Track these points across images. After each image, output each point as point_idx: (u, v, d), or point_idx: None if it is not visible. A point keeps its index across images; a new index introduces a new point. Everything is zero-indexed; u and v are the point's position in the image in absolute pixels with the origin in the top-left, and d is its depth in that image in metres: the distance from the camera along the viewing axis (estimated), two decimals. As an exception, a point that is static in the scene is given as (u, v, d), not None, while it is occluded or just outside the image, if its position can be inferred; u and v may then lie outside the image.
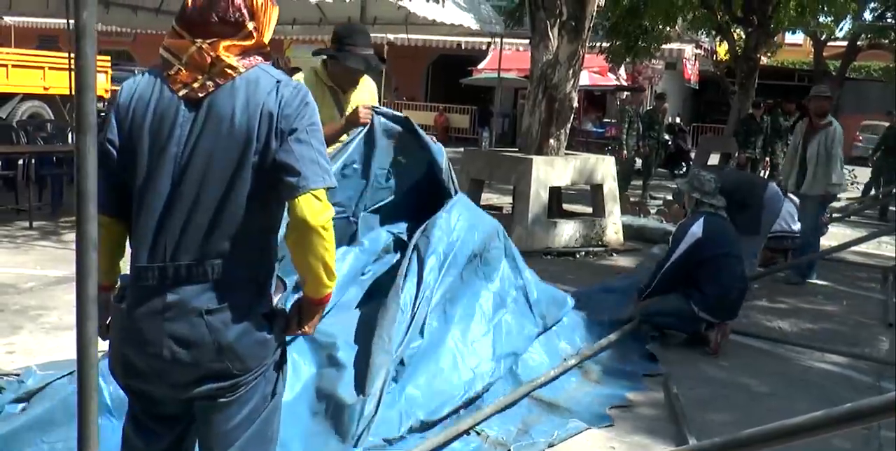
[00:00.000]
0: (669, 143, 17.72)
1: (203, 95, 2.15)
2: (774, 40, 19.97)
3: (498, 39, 14.62)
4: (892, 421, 3.41)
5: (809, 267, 8.15)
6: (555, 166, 9.06)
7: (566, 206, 10.35)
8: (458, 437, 3.85)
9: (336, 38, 4.37)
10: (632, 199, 12.88)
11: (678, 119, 23.29)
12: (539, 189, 8.78)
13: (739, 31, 17.66)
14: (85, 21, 1.82)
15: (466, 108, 28.10)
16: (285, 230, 2.21)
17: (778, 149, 14.97)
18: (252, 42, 2.22)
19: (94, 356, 2.02)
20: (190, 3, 2.21)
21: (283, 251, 2.29)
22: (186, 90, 2.15)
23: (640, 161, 14.99)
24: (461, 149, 12.96)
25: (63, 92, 13.98)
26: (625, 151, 13.38)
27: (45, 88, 14.91)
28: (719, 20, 17.04)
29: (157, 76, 2.21)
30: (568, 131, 9.63)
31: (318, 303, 2.35)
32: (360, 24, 4.87)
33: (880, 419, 1.87)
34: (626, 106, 14.61)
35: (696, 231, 5.70)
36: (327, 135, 3.24)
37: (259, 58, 2.23)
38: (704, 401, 4.78)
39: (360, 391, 3.66)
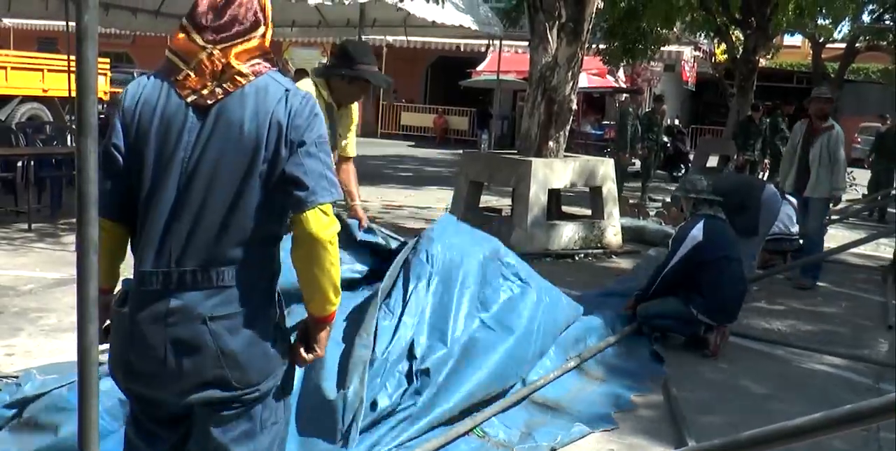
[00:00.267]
0: (668, 145, 17.73)
1: (212, 102, 2.13)
2: (773, 42, 20.00)
3: (497, 41, 14.62)
4: (891, 423, 3.41)
5: (815, 269, 8.13)
6: (554, 168, 9.06)
7: (565, 208, 10.35)
8: (458, 438, 3.86)
9: (346, 55, 4.44)
10: (631, 201, 12.89)
11: (677, 121, 23.33)
12: (538, 191, 8.79)
13: (738, 33, 17.70)
14: (86, 24, 1.81)
15: (465, 110, 28.11)
16: (291, 246, 2.19)
17: (778, 151, 14.99)
18: (260, 46, 2.21)
19: (95, 358, 2.02)
20: (204, 2, 2.17)
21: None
22: (195, 96, 2.14)
23: (638, 163, 15.01)
24: (460, 151, 12.97)
25: (62, 94, 13.96)
26: (621, 152, 13.40)
27: (44, 91, 14.93)
28: (718, 22, 17.07)
29: (163, 80, 2.19)
30: (567, 133, 9.63)
31: (323, 321, 2.33)
32: (365, 43, 4.94)
33: (880, 420, 1.88)
34: (625, 108, 14.63)
35: (696, 234, 5.70)
36: None
37: (266, 64, 2.21)
38: (704, 403, 4.78)
39: (341, 386, 3.67)
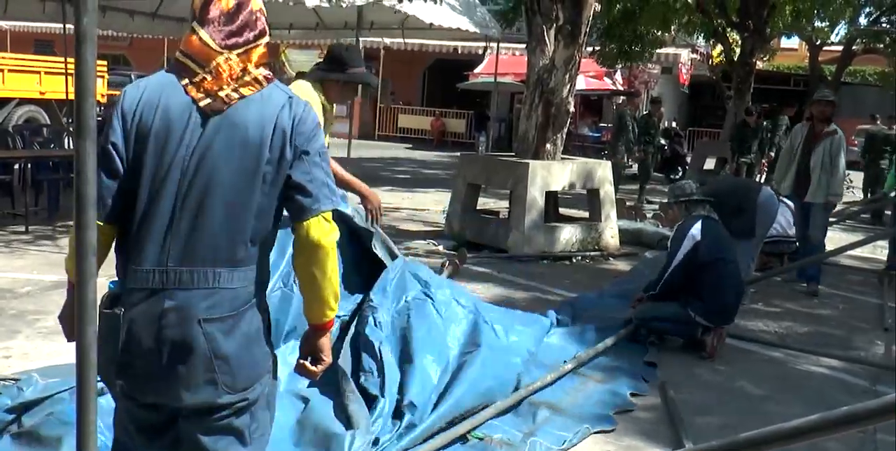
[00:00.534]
0: (665, 147, 17.75)
1: (226, 106, 2.15)
2: (770, 45, 20.03)
3: (494, 44, 14.63)
4: (888, 424, 3.42)
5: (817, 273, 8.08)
6: (551, 171, 9.07)
7: (563, 210, 10.37)
8: (457, 441, 3.86)
9: (338, 60, 4.66)
10: (628, 203, 12.90)
11: (674, 123, 23.36)
12: (536, 194, 8.80)
13: (735, 35, 17.72)
14: (85, 27, 1.82)
15: (463, 112, 28.12)
16: (293, 253, 2.23)
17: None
18: (267, 53, 2.25)
19: (94, 360, 2.02)
20: (214, 8, 2.19)
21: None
22: (210, 100, 2.15)
23: (636, 166, 15.03)
24: (457, 153, 12.98)
25: (59, 96, 13.98)
26: (627, 153, 13.44)
27: (42, 93, 14.93)
28: (715, 25, 17.09)
29: (168, 82, 2.20)
30: (564, 136, 9.65)
31: (323, 328, 2.36)
32: (354, 46, 5.07)
33: (876, 422, 1.88)
34: (624, 110, 14.67)
35: (695, 234, 5.70)
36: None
37: (268, 71, 2.24)
38: (701, 405, 4.78)
39: (347, 425, 3.69)
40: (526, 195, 8.71)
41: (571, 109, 9.67)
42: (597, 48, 16.90)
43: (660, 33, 16.72)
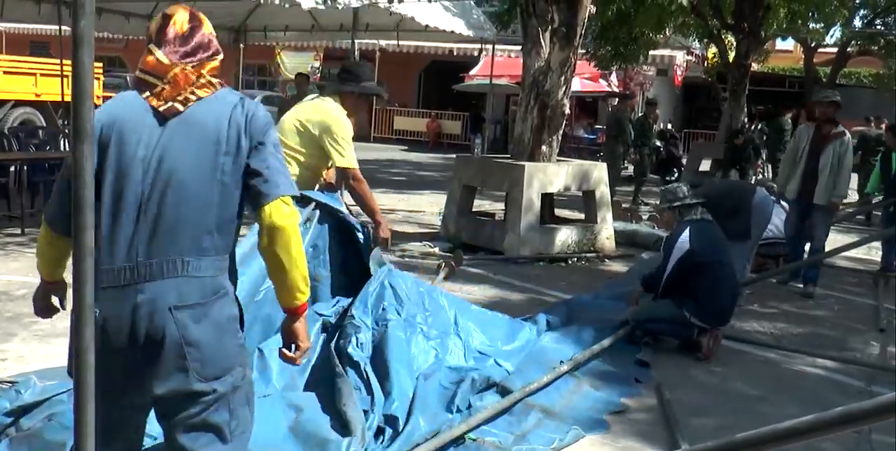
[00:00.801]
0: (661, 149, 17.77)
1: (184, 108, 2.32)
2: (765, 47, 20.07)
3: (490, 46, 14.65)
4: (883, 425, 3.43)
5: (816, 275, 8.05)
6: (547, 173, 9.08)
7: (558, 212, 10.38)
8: (451, 443, 3.86)
9: (353, 74, 5.16)
10: (624, 205, 12.92)
11: (669, 125, 23.39)
12: (531, 196, 8.81)
13: (730, 37, 17.76)
14: (82, 29, 1.82)
15: (458, 114, 28.13)
16: (258, 239, 2.34)
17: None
18: (219, 68, 2.46)
19: (92, 362, 2.03)
20: (170, 31, 2.38)
21: None
22: (168, 104, 2.32)
23: (631, 167, 15.06)
24: (453, 155, 12.99)
25: (55, 98, 13.94)
26: (619, 157, 13.47)
27: (37, 95, 14.89)
28: (710, 27, 17.13)
29: (129, 97, 2.38)
30: (560, 138, 9.66)
31: (297, 312, 2.46)
32: (363, 62, 5.47)
33: (871, 422, 1.89)
34: (623, 112, 14.70)
35: (683, 243, 5.70)
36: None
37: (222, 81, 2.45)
38: (697, 406, 4.79)
39: (342, 432, 3.71)
40: (521, 197, 8.72)
41: (567, 110, 9.68)
42: (591, 50, 16.92)
43: (654, 35, 16.73)
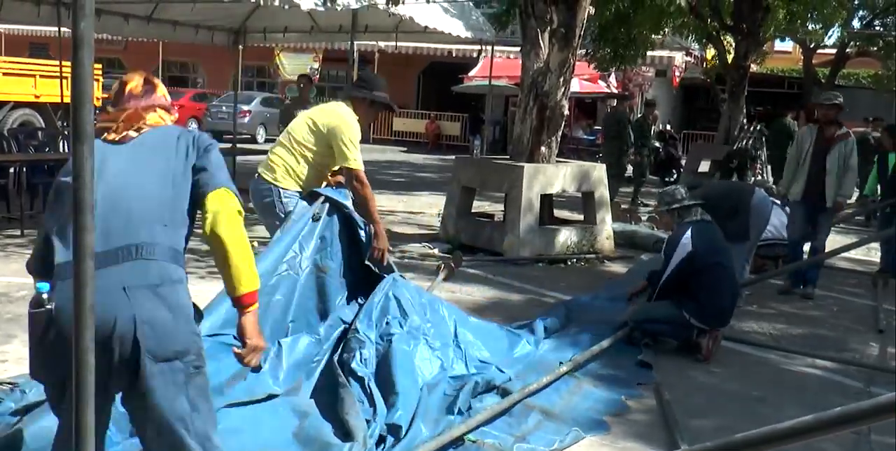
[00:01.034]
0: (660, 150, 17.78)
1: (137, 134, 2.64)
2: (763, 48, 20.08)
3: (489, 47, 14.66)
4: (883, 425, 3.43)
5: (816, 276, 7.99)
6: (546, 174, 9.09)
7: (558, 213, 10.39)
8: (450, 445, 3.86)
9: (368, 83, 5.35)
10: (623, 206, 12.92)
11: (668, 126, 23.40)
12: (531, 197, 8.81)
13: (729, 38, 17.76)
14: (83, 31, 1.82)
15: (458, 115, 28.13)
16: (203, 226, 2.53)
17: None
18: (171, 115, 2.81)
19: (92, 362, 2.03)
20: (127, 90, 2.72)
21: None
22: (124, 134, 2.63)
23: (630, 168, 15.05)
24: (452, 156, 12.99)
25: (54, 100, 13.95)
26: (634, 154, 13.49)
27: (37, 96, 14.89)
28: (709, 28, 17.13)
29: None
30: (559, 139, 9.67)
31: (243, 303, 2.57)
32: (379, 75, 5.73)
33: (871, 422, 1.89)
34: (623, 113, 14.71)
35: (686, 244, 5.71)
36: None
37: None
38: (696, 407, 4.80)
39: (344, 438, 3.72)
40: (521, 198, 8.72)
41: (566, 112, 9.68)
42: (590, 51, 16.93)
43: (653, 36, 16.74)
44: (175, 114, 2.85)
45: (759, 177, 16.07)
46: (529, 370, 4.98)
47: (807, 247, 8.18)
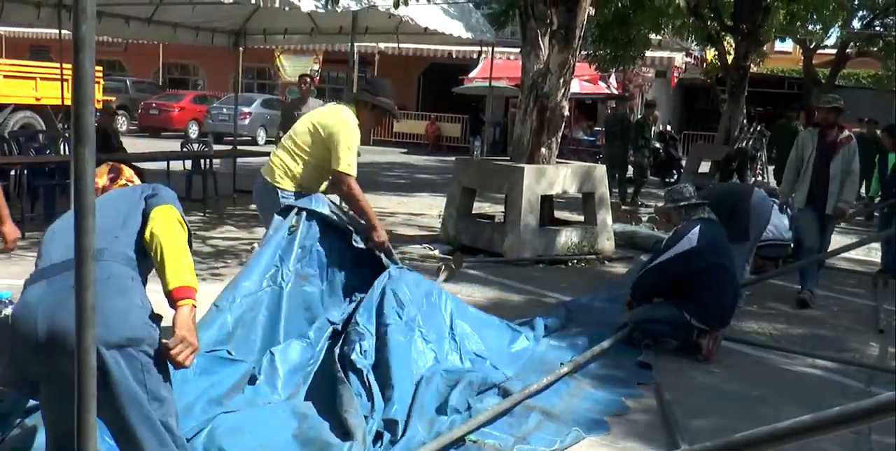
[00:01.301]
0: (660, 151, 17.79)
1: (101, 194, 3.01)
2: (763, 48, 20.08)
3: (489, 48, 14.67)
4: (883, 425, 3.44)
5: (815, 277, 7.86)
6: (546, 175, 9.09)
7: (558, 214, 10.39)
8: (451, 445, 3.87)
9: (374, 88, 5.35)
10: (623, 206, 12.92)
11: (668, 127, 23.41)
12: (531, 198, 8.82)
13: (729, 38, 17.76)
14: (84, 33, 1.83)
15: (458, 116, 28.14)
16: (148, 235, 2.74)
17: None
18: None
19: (93, 365, 2.04)
20: (99, 190, 3.05)
21: None
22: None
23: (631, 169, 15.06)
24: (453, 158, 13.00)
25: (55, 102, 13.97)
26: (637, 154, 13.51)
27: (37, 99, 14.93)
28: (709, 28, 17.13)
29: None
30: (559, 140, 9.67)
31: (179, 296, 2.63)
32: (388, 81, 5.64)
33: (870, 422, 1.90)
34: (624, 113, 14.71)
35: (691, 238, 5.72)
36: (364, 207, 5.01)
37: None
38: (696, 407, 4.80)
39: (344, 437, 3.74)
40: (521, 199, 8.73)
41: (566, 112, 9.68)
42: (591, 52, 16.94)
43: (653, 36, 16.75)
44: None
45: (760, 177, 16.09)
46: (529, 370, 5.00)
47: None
